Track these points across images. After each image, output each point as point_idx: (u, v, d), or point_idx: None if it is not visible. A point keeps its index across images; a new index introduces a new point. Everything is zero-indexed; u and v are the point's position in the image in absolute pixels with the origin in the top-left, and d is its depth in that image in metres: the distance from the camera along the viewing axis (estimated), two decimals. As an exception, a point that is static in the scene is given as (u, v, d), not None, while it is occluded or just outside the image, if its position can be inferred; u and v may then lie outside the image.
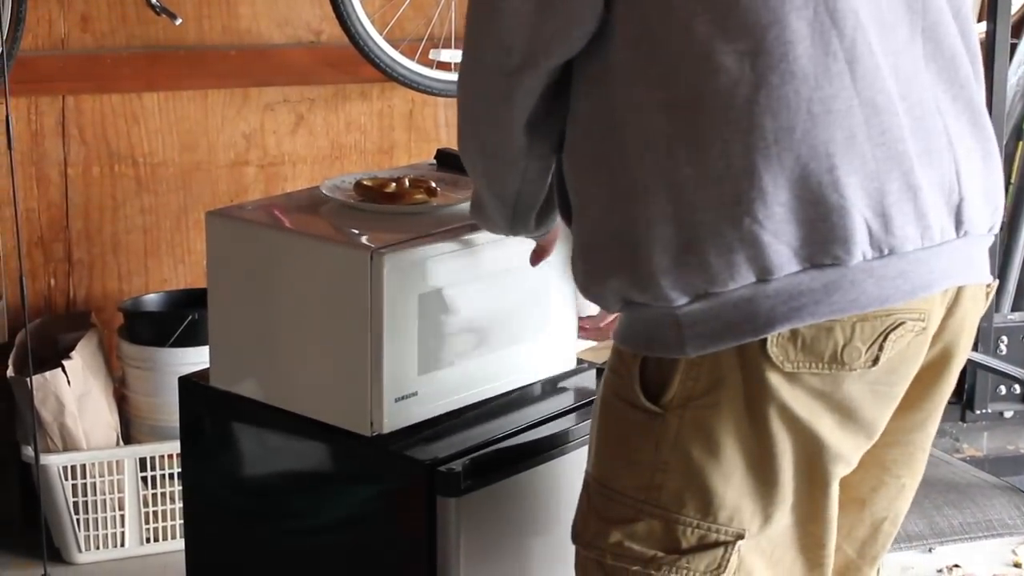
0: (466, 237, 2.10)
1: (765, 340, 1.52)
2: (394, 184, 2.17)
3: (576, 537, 1.69)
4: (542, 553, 2.15)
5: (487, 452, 2.05)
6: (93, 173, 3.42)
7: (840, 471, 1.63)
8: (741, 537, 1.59)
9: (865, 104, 1.51)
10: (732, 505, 1.58)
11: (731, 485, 1.57)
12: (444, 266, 2.04)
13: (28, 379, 2.96)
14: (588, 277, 1.63)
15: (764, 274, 1.50)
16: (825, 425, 1.57)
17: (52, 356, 3.20)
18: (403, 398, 2.03)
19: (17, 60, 3.05)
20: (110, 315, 3.45)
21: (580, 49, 1.58)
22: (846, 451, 1.61)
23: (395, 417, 2.03)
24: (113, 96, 3.40)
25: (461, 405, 2.13)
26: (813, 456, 1.59)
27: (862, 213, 1.50)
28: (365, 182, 2.20)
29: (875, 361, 1.55)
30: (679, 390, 1.57)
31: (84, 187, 3.41)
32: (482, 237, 2.12)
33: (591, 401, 2.22)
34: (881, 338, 1.54)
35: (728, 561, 1.60)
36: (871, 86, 1.51)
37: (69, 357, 3.14)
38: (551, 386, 2.28)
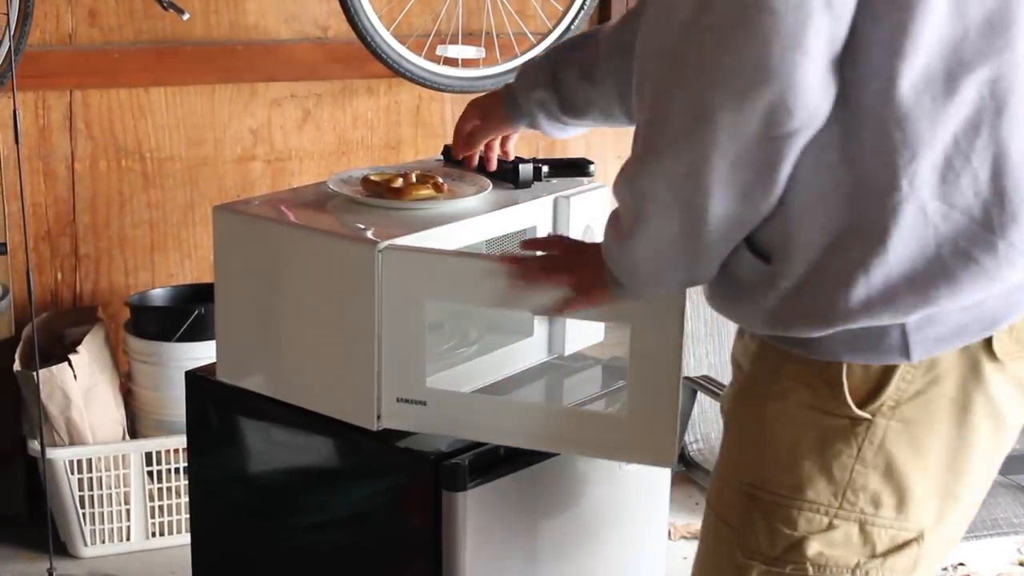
0: (471, 230, 2.10)
1: (991, 337, 1.55)
2: (401, 179, 2.17)
3: (752, 555, 1.64)
4: (547, 547, 2.15)
5: (493, 447, 2.05)
6: (100, 168, 3.42)
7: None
8: (922, 537, 1.61)
9: None
10: (920, 501, 1.60)
11: (926, 481, 1.59)
12: (450, 260, 2.04)
13: (35, 373, 2.97)
14: (813, 320, 1.54)
15: (1012, 281, 1.52)
16: (1013, 412, 1.62)
17: (59, 350, 3.20)
18: (407, 401, 2.02)
19: (25, 55, 3.05)
20: (116, 309, 3.46)
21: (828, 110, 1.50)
22: (1014, 432, 1.65)
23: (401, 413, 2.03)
24: (120, 91, 3.41)
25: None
26: (998, 442, 1.63)
27: None
28: (372, 177, 2.20)
29: None
30: (891, 393, 1.57)
31: (91, 182, 3.42)
32: (487, 231, 2.13)
33: (595, 398, 2.23)
34: None
35: (920, 558, 1.62)
36: None
37: (76, 351, 3.14)
38: (558, 381, 2.28)
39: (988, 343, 1.56)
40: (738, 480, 1.66)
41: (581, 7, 3.57)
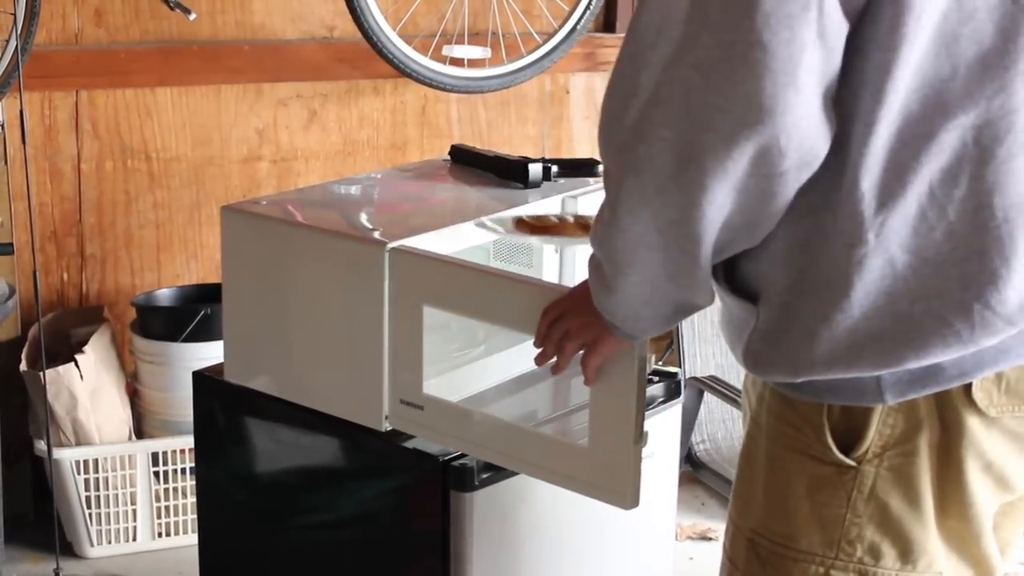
0: (479, 230, 2.10)
1: (970, 385, 1.46)
2: (555, 219, 2.14)
3: None
4: (555, 547, 2.14)
5: (501, 447, 2.05)
6: (106, 168, 3.42)
7: (1007, 503, 1.59)
8: None
9: None
10: (931, 551, 1.52)
11: (929, 532, 1.51)
12: (456, 274, 2.04)
13: (41, 373, 2.96)
14: (783, 368, 1.49)
15: (987, 345, 1.43)
16: (1013, 467, 1.52)
17: (65, 351, 3.20)
18: (408, 404, 2.01)
19: (31, 55, 3.05)
20: (123, 310, 3.46)
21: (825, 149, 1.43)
22: (1020, 484, 1.56)
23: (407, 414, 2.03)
24: (127, 91, 3.40)
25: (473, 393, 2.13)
26: (998, 496, 1.54)
27: None
28: (525, 218, 2.13)
29: None
30: (875, 440, 1.49)
31: (97, 182, 3.41)
32: (495, 232, 2.12)
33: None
34: None
35: None
36: None
37: (82, 352, 3.14)
38: (564, 382, 2.28)
39: (967, 393, 1.46)
40: (743, 524, 1.62)
41: (587, 7, 3.56)
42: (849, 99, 1.39)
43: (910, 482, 1.50)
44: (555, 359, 1.73)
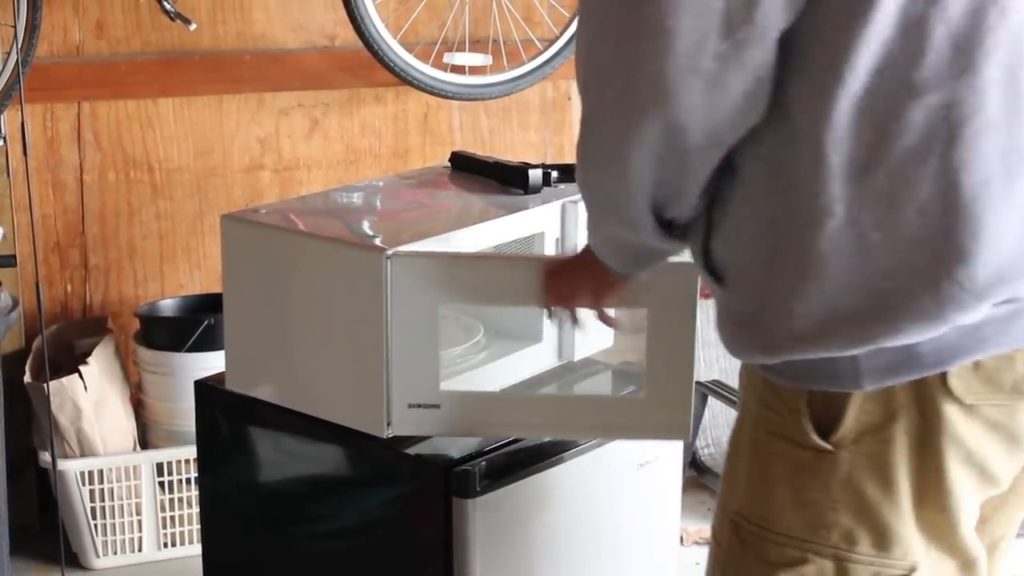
0: (481, 237, 2.10)
1: (946, 373, 1.46)
2: None
3: None
4: (557, 554, 2.14)
5: (503, 453, 2.05)
6: (109, 179, 3.42)
7: (991, 495, 1.58)
8: (915, 570, 1.54)
9: None
10: (906, 539, 1.52)
11: (905, 520, 1.52)
12: (459, 267, 2.04)
13: (45, 385, 2.97)
14: (758, 348, 1.52)
15: (960, 323, 1.43)
16: (993, 455, 1.52)
17: (69, 362, 3.20)
18: (419, 406, 2.02)
19: (32, 67, 3.06)
20: (126, 320, 3.46)
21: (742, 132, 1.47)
22: (1006, 478, 1.56)
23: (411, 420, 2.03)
24: (128, 102, 3.41)
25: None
26: (978, 486, 1.54)
27: None
28: None
29: None
30: (852, 426, 1.50)
31: (100, 193, 3.42)
32: (498, 238, 2.13)
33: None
34: None
35: None
36: None
37: (86, 363, 3.14)
38: (568, 386, 2.28)
39: (945, 381, 1.47)
40: (728, 506, 1.64)
41: (588, 13, 3.56)
42: (812, 80, 1.42)
43: (886, 470, 1.50)
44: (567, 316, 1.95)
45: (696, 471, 3.50)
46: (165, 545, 3.24)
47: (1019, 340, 1.47)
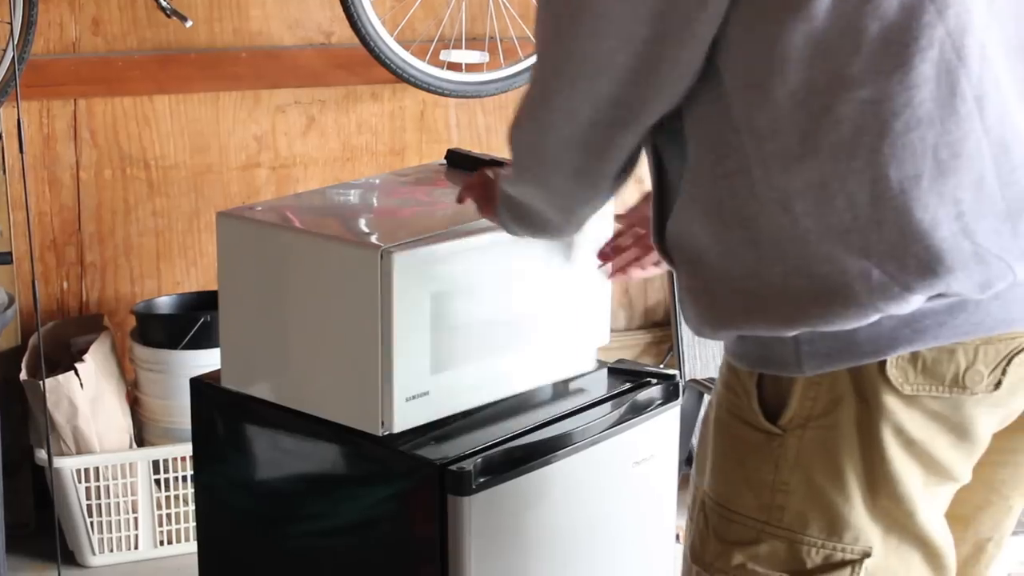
0: (477, 235, 2.09)
1: (884, 362, 1.48)
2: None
3: (696, 558, 1.64)
4: (553, 551, 2.14)
5: (498, 451, 2.05)
6: (105, 176, 3.42)
7: (952, 489, 1.58)
8: (868, 555, 1.54)
9: (994, 143, 1.44)
10: (857, 525, 1.53)
11: (854, 505, 1.53)
12: (454, 264, 2.04)
13: (41, 382, 2.96)
14: (707, 324, 1.57)
15: (891, 313, 1.46)
16: (941, 446, 1.52)
17: (65, 359, 3.20)
18: (414, 397, 2.03)
19: (29, 64, 3.06)
20: (123, 318, 3.46)
21: (678, 103, 1.53)
22: (960, 470, 1.56)
23: (406, 417, 2.03)
24: (124, 99, 3.40)
25: (472, 405, 2.13)
26: (928, 476, 1.54)
27: (999, 257, 1.44)
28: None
29: (997, 385, 1.50)
30: (798, 409, 1.52)
31: (96, 190, 3.42)
32: (493, 236, 2.12)
33: (600, 401, 2.23)
34: (1005, 362, 1.50)
35: None
36: (1000, 123, 1.44)
37: (82, 360, 3.14)
38: (563, 385, 2.28)
39: (883, 370, 1.48)
40: (698, 485, 1.66)
41: (584, 10, 3.56)
42: (750, 70, 1.45)
43: (832, 455, 1.52)
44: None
45: (692, 469, 3.49)
46: (161, 543, 3.24)
47: (960, 334, 1.48)
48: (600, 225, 2.20)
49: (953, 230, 1.43)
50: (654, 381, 2.28)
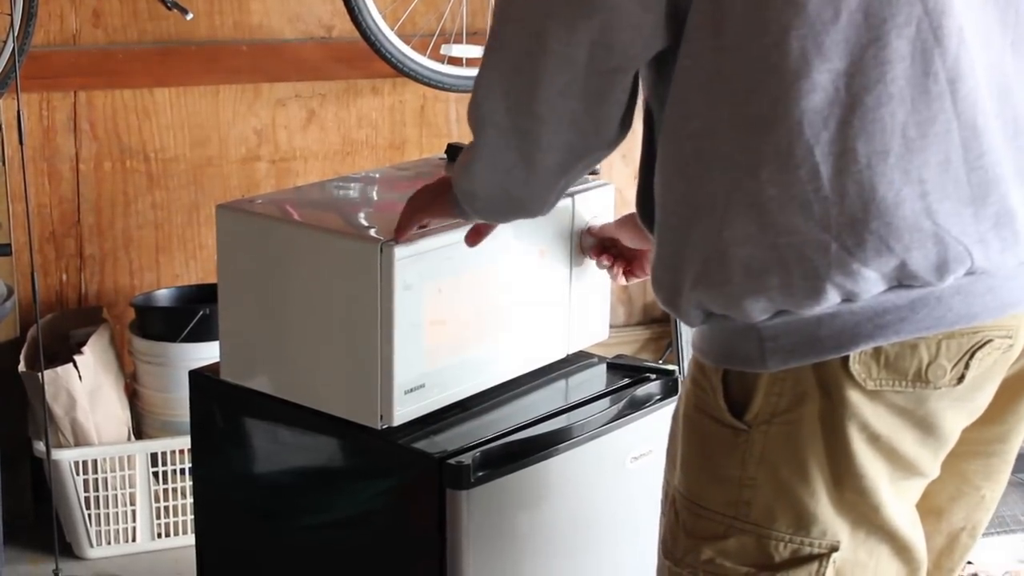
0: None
1: (847, 357, 1.48)
2: None
3: (667, 553, 1.64)
4: (551, 545, 2.14)
5: (497, 445, 2.05)
6: (105, 168, 3.42)
7: (921, 484, 1.59)
8: (835, 549, 1.55)
9: (964, 127, 1.44)
10: (824, 519, 1.54)
11: (820, 500, 1.53)
12: (453, 257, 2.04)
13: (40, 374, 2.96)
14: (670, 290, 1.57)
15: (851, 297, 1.46)
16: (906, 441, 1.53)
17: (64, 351, 3.20)
18: (413, 391, 2.03)
19: (29, 55, 3.05)
20: (122, 310, 3.46)
21: (650, 54, 1.54)
22: (926, 464, 1.57)
23: (405, 410, 2.03)
24: (125, 92, 3.40)
25: (469, 394, 2.13)
26: (895, 470, 1.55)
27: (958, 240, 1.45)
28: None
29: (960, 379, 1.50)
30: (763, 405, 1.52)
31: (96, 183, 3.41)
32: (493, 232, 2.12)
33: (599, 396, 2.23)
34: (967, 356, 1.50)
35: (824, 574, 1.55)
36: (972, 107, 1.44)
37: (81, 352, 3.14)
38: (562, 380, 2.28)
39: (846, 365, 1.48)
40: (670, 480, 1.67)
41: (585, 6, 3.55)
42: (728, 32, 1.45)
43: (797, 450, 1.52)
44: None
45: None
46: (159, 535, 3.24)
47: (922, 328, 1.48)
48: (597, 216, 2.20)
49: (916, 209, 1.43)
50: (653, 376, 2.28)
